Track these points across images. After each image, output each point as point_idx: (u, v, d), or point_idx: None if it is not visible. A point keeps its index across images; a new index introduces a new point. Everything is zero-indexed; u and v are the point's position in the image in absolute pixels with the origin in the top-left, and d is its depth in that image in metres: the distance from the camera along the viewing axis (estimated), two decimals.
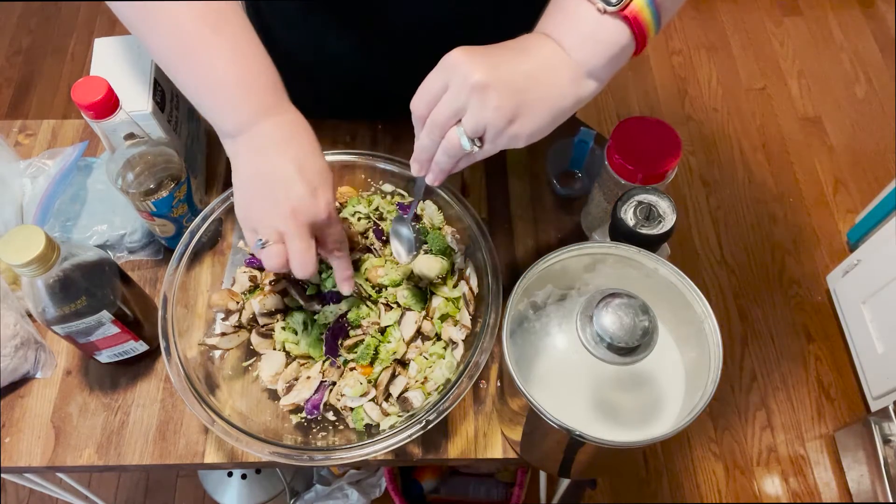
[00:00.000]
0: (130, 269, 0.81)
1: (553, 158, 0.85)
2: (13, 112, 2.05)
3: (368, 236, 0.74)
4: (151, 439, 0.71)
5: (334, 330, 0.68)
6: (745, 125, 2.02)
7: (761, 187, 1.91)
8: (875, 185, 1.88)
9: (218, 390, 0.67)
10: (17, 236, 0.56)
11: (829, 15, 2.26)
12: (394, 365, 0.68)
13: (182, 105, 0.81)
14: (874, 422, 1.39)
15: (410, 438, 0.61)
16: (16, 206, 0.78)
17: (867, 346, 1.52)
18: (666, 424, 0.58)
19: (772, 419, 1.59)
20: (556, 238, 0.84)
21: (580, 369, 0.61)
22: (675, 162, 0.70)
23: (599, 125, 2.01)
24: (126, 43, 0.76)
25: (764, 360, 1.66)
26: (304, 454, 0.61)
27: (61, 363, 0.75)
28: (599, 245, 0.61)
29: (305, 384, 0.67)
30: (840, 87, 2.10)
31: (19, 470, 0.72)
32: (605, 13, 0.48)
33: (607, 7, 0.48)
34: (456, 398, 0.62)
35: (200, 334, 0.70)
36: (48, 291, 0.60)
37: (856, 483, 1.47)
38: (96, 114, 0.60)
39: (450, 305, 0.70)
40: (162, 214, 0.72)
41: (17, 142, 0.91)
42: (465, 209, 0.73)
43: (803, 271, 1.77)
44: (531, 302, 0.63)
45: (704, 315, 0.57)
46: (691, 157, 1.96)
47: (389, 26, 0.80)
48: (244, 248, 0.75)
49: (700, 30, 2.24)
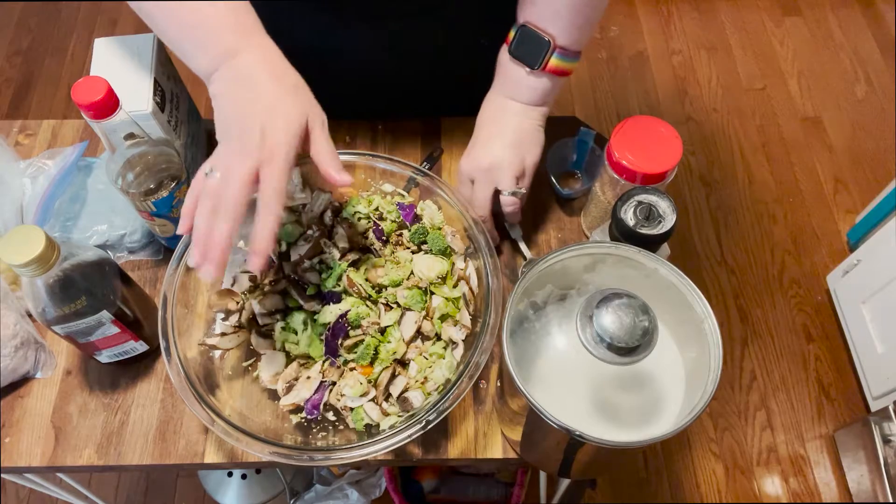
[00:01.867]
0: (130, 269, 0.81)
1: (553, 158, 0.85)
2: (13, 112, 2.05)
3: (368, 236, 0.74)
4: (151, 439, 0.71)
5: (334, 330, 0.68)
6: (745, 125, 2.02)
7: (761, 187, 1.91)
8: (875, 185, 1.88)
9: (218, 390, 0.67)
10: (17, 236, 0.56)
11: (829, 15, 2.26)
12: (394, 365, 0.68)
13: (182, 105, 0.81)
14: (874, 422, 1.39)
15: (410, 438, 0.61)
16: (16, 206, 0.78)
17: (867, 346, 1.52)
18: (666, 424, 0.58)
19: (772, 419, 1.59)
20: (556, 238, 0.84)
21: (580, 369, 0.61)
22: (675, 162, 0.70)
23: (599, 125, 2.01)
24: (126, 43, 0.76)
25: (764, 360, 1.66)
26: (304, 454, 0.61)
27: (61, 363, 0.75)
28: (599, 245, 0.61)
29: (305, 384, 0.67)
30: (840, 87, 2.10)
31: (19, 470, 0.72)
32: (531, 73, 0.70)
33: (532, 69, 0.70)
34: (456, 398, 0.62)
35: (200, 334, 0.70)
36: (48, 291, 0.60)
37: (856, 483, 1.47)
38: (96, 114, 0.60)
39: (450, 305, 0.70)
40: (162, 214, 0.72)
41: (17, 142, 0.91)
42: (465, 209, 0.73)
43: (803, 271, 1.77)
44: (531, 302, 0.63)
45: (704, 315, 0.57)
46: (691, 157, 1.96)
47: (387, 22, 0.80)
48: (244, 248, 0.75)
49: (700, 30, 2.24)
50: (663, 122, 0.72)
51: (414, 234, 0.73)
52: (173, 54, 0.64)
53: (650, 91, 2.10)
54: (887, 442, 1.35)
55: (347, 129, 0.92)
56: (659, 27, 2.25)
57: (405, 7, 0.79)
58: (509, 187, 0.73)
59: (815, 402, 1.61)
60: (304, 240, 0.74)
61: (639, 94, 2.10)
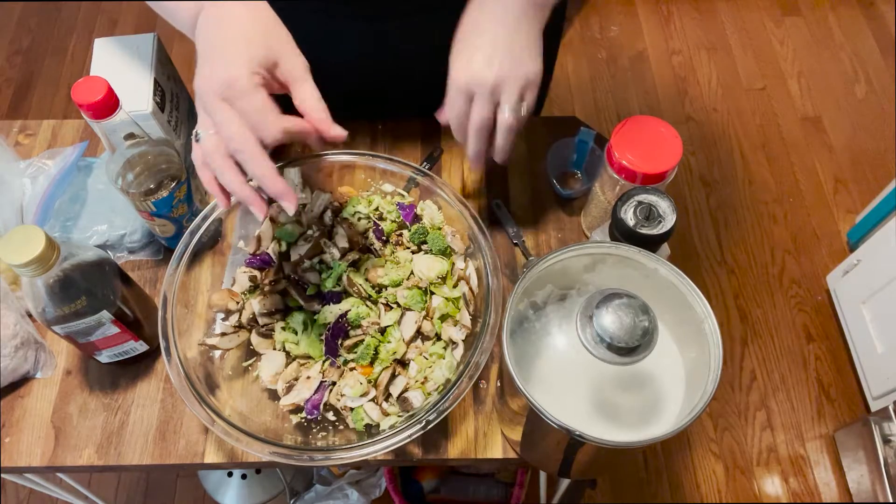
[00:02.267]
0: (130, 269, 0.81)
1: (553, 158, 0.85)
2: (13, 112, 2.05)
3: (368, 236, 0.74)
4: (151, 439, 0.71)
5: (334, 330, 0.68)
6: (745, 125, 2.02)
7: (761, 187, 1.91)
8: (875, 185, 1.88)
9: (218, 390, 0.67)
10: (17, 236, 0.56)
11: (829, 15, 2.26)
12: (394, 365, 0.68)
13: (182, 105, 0.81)
14: (874, 422, 1.39)
15: (410, 438, 0.61)
16: (16, 206, 0.78)
17: (867, 346, 1.52)
18: (666, 424, 0.58)
19: (772, 419, 1.59)
20: (556, 238, 0.84)
21: (580, 369, 0.61)
22: (675, 162, 0.70)
23: (599, 125, 2.01)
24: (126, 43, 0.76)
25: (764, 360, 1.66)
26: (304, 454, 0.61)
27: (61, 363, 0.75)
28: (599, 245, 0.61)
29: (305, 384, 0.67)
30: (840, 87, 2.10)
31: (19, 470, 0.72)
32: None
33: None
34: (456, 398, 0.62)
35: (200, 334, 0.70)
36: (48, 291, 0.60)
37: (856, 483, 1.47)
38: (96, 114, 0.60)
39: (450, 305, 0.70)
40: (162, 214, 0.72)
41: (17, 142, 0.91)
42: (465, 209, 0.73)
43: (803, 271, 1.77)
44: (531, 302, 0.63)
45: (704, 315, 0.57)
46: (691, 157, 1.96)
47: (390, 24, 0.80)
48: (244, 248, 0.75)
49: (700, 30, 2.24)
50: (663, 122, 0.72)
51: (414, 234, 0.73)
52: (173, 53, 0.64)
53: (650, 91, 2.10)
54: (887, 442, 1.35)
55: (347, 129, 0.92)
56: (659, 27, 2.25)
57: (403, 6, 0.79)
58: (513, 105, 0.63)
59: (815, 402, 1.61)
60: (304, 240, 0.74)
61: (639, 94, 2.10)
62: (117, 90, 0.61)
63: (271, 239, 0.75)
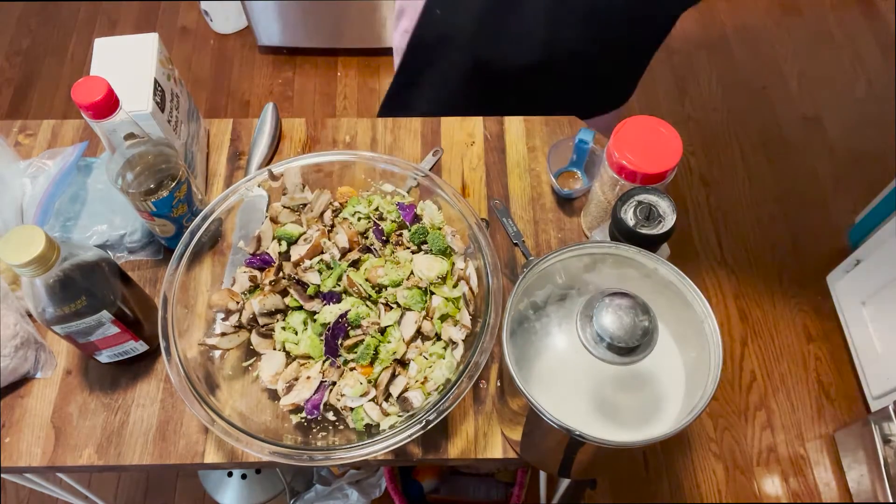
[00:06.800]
0: (130, 269, 0.81)
1: (553, 158, 0.85)
2: (13, 112, 2.05)
3: (368, 236, 0.74)
4: (151, 439, 0.71)
5: (334, 330, 0.68)
6: (745, 125, 2.02)
7: (761, 187, 1.91)
8: (875, 185, 1.87)
9: (218, 390, 0.67)
10: (17, 236, 0.56)
11: (829, 15, 2.26)
12: (394, 365, 0.68)
13: (182, 105, 0.81)
14: (874, 422, 1.38)
15: (410, 438, 0.61)
16: (16, 206, 0.78)
17: (867, 346, 1.52)
18: (666, 424, 0.58)
19: (772, 419, 1.59)
20: (556, 238, 0.84)
21: (580, 369, 0.61)
22: (675, 162, 0.70)
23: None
24: (126, 43, 0.76)
25: (764, 360, 1.66)
26: (304, 454, 0.61)
27: (61, 363, 0.75)
28: (599, 245, 0.61)
29: (305, 384, 0.67)
30: (840, 87, 2.10)
31: (19, 470, 0.72)
32: None
33: None
34: (456, 398, 0.62)
35: (200, 334, 0.70)
36: (48, 291, 0.60)
37: (856, 483, 1.47)
38: (96, 114, 0.60)
39: (450, 305, 0.70)
40: (162, 214, 0.72)
41: (17, 142, 0.91)
42: (465, 209, 0.73)
43: (803, 271, 1.77)
44: (531, 302, 0.63)
45: (704, 315, 0.57)
46: (691, 157, 1.96)
47: None
48: (244, 248, 0.75)
49: (700, 30, 2.24)
50: (663, 122, 0.72)
51: (414, 234, 0.73)
52: (173, 54, 0.64)
53: (650, 91, 2.10)
54: (887, 442, 1.35)
55: (347, 129, 0.92)
56: None
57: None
58: None
59: (815, 402, 1.61)
60: (304, 240, 0.74)
61: (639, 94, 2.09)
62: (117, 90, 0.61)
63: (271, 239, 0.75)
